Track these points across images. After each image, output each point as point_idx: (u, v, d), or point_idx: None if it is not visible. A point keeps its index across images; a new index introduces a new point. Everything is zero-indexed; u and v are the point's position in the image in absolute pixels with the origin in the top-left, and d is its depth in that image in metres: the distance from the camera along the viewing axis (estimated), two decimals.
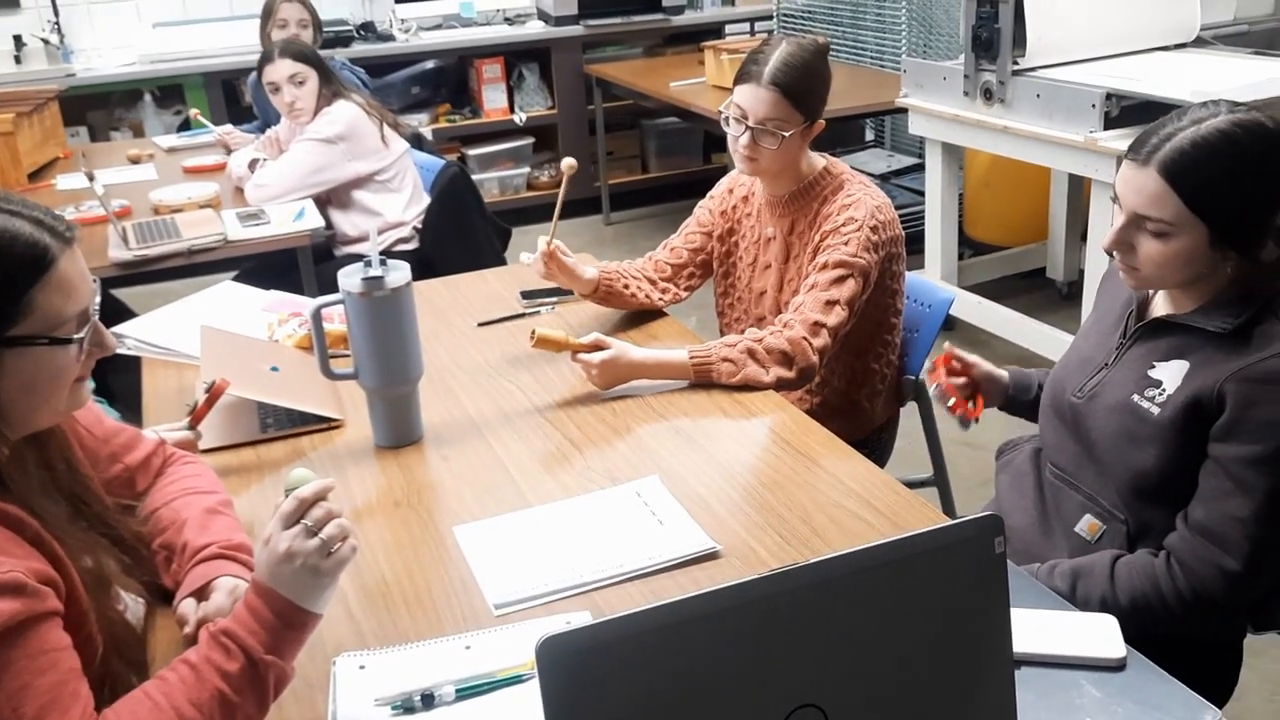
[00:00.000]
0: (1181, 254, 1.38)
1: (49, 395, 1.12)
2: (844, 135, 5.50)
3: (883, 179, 5.08)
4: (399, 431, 1.76)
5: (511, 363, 2.04)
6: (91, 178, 2.81)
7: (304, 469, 1.15)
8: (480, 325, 2.22)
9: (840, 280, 1.92)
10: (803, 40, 2.03)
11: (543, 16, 5.47)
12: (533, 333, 1.85)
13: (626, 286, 2.13)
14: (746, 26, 5.70)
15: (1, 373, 1.07)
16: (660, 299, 2.18)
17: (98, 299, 1.19)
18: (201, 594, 1.29)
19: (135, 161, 3.88)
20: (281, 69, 3.16)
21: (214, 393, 1.66)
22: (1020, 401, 1.79)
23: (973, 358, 1.80)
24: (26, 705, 0.97)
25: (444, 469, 1.69)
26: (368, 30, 5.27)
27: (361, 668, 1.24)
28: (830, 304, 1.91)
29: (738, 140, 1.99)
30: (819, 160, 2.08)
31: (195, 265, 2.92)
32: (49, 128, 3.97)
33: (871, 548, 0.92)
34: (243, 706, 1.05)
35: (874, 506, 1.51)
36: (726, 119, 2.02)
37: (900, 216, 2.07)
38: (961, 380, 1.79)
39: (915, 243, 4.00)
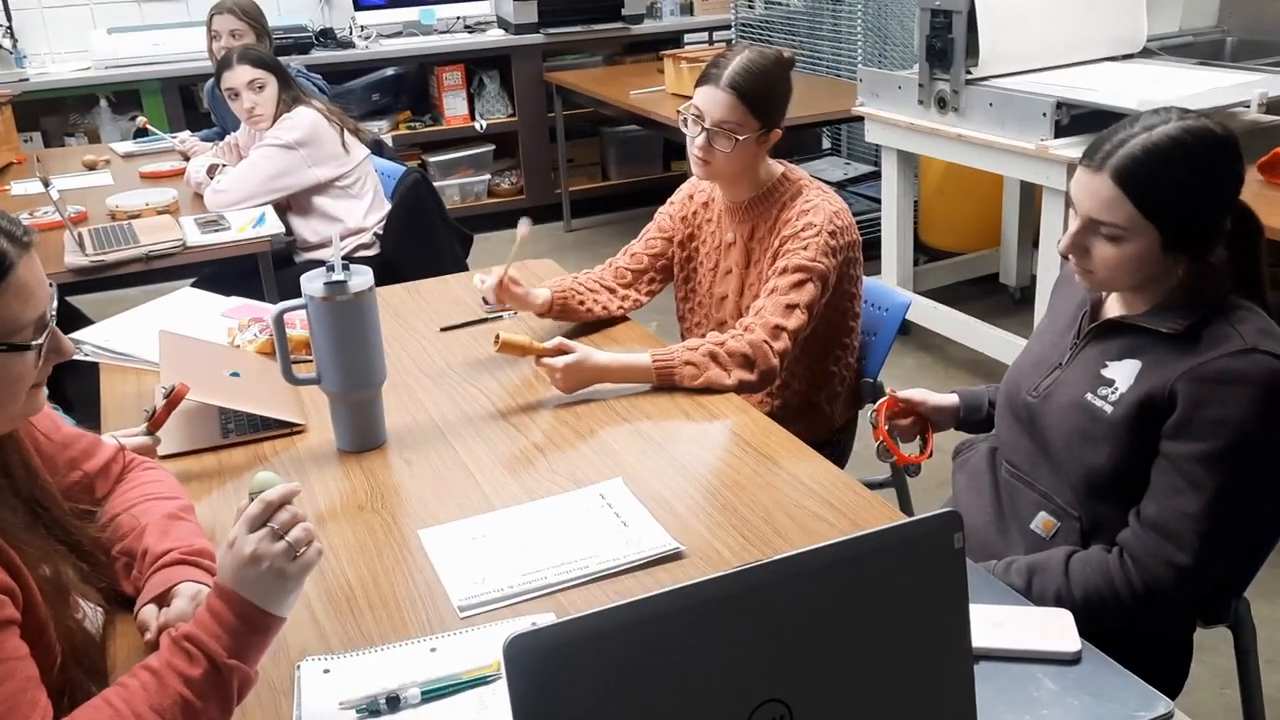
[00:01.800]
0: (1134, 258, 1.41)
1: (5, 401, 1.11)
2: (801, 144, 5.55)
3: (840, 186, 5.13)
4: (362, 436, 1.76)
5: (475, 367, 2.04)
6: (47, 183, 2.78)
7: (269, 472, 1.15)
8: (443, 330, 2.22)
9: (800, 284, 1.95)
10: (766, 50, 2.06)
11: (503, 24, 5.48)
12: (496, 337, 1.86)
13: (582, 303, 2.14)
14: (705, 36, 5.74)
15: None
16: (620, 307, 2.19)
17: (55, 304, 1.18)
18: (163, 600, 1.28)
19: (91, 168, 3.83)
20: (240, 75, 3.14)
21: (173, 398, 1.64)
22: (973, 421, 1.82)
23: (916, 394, 1.82)
24: None
25: (407, 473, 1.69)
26: (327, 37, 5.25)
27: (326, 671, 1.24)
28: (790, 308, 1.93)
29: (693, 141, 2.01)
30: (777, 167, 2.10)
31: (154, 272, 2.89)
32: (2, 133, 3.91)
33: (832, 544, 0.94)
34: (206, 711, 1.04)
35: (834, 506, 1.53)
36: (685, 119, 2.04)
37: (858, 223, 2.10)
38: (909, 420, 1.82)
39: (872, 249, 4.05)
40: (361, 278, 1.68)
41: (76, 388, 2.06)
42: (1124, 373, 1.46)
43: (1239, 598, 1.55)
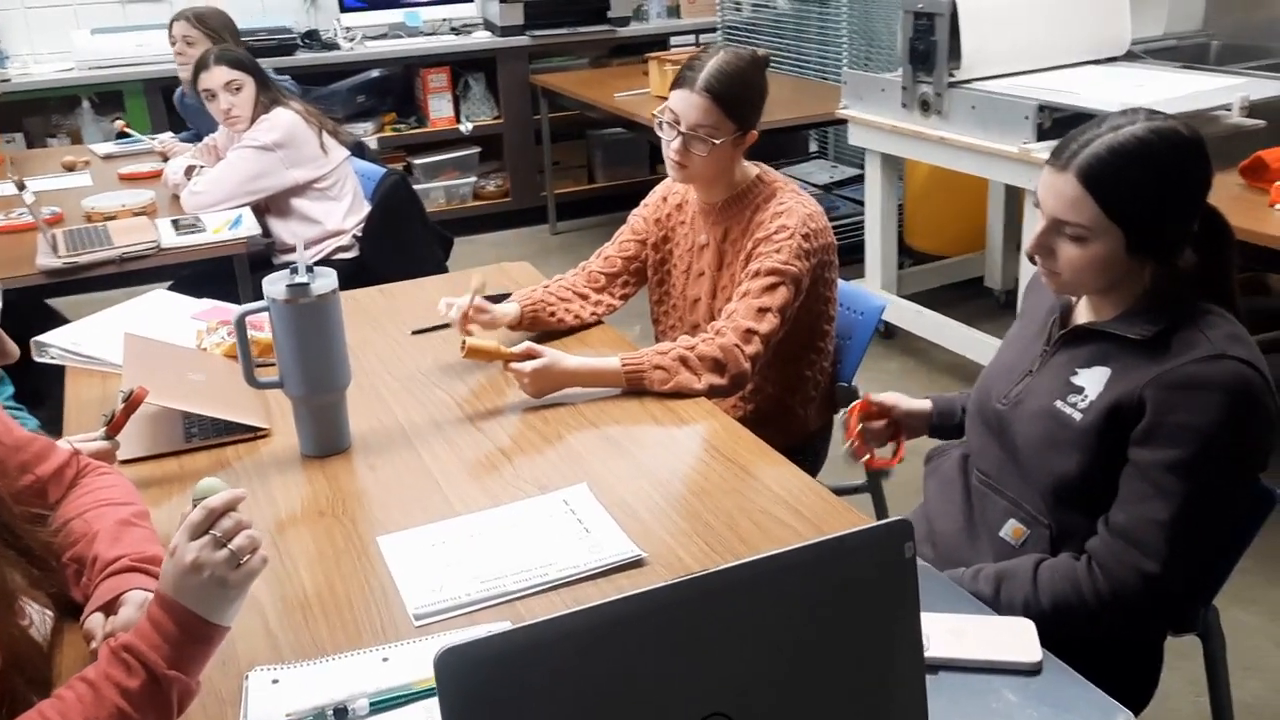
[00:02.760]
0: (1099, 259, 1.40)
1: None
2: (787, 146, 5.53)
3: (825, 189, 5.12)
4: (326, 440, 1.73)
5: (444, 371, 2.02)
6: (21, 186, 2.75)
7: (213, 479, 1.13)
8: (414, 333, 2.20)
9: (772, 288, 1.93)
10: (740, 50, 2.04)
11: (489, 26, 5.46)
12: (463, 343, 1.83)
13: (552, 314, 2.11)
14: (692, 38, 5.72)
15: None
16: (593, 313, 2.17)
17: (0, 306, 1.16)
18: (110, 608, 1.26)
19: (70, 169, 3.80)
20: (217, 76, 3.11)
21: (132, 402, 1.62)
22: (946, 427, 1.80)
23: (890, 398, 1.80)
24: None
25: (371, 478, 1.66)
26: (312, 39, 5.22)
27: (275, 682, 1.22)
28: (762, 311, 1.92)
29: (670, 145, 1.99)
30: (752, 169, 2.08)
31: (132, 274, 2.86)
32: None
33: (779, 553, 0.92)
34: None
35: (800, 513, 1.51)
36: (660, 124, 2.02)
37: (842, 227, 2.09)
38: (881, 424, 1.80)
39: (857, 252, 4.05)
40: (325, 280, 1.66)
41: (43, 389, 2.03)
42: (1093, 380, 1.44)
43: (1208, 605, 1.53)
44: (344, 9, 5.34)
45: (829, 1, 5.00)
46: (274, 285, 1.64)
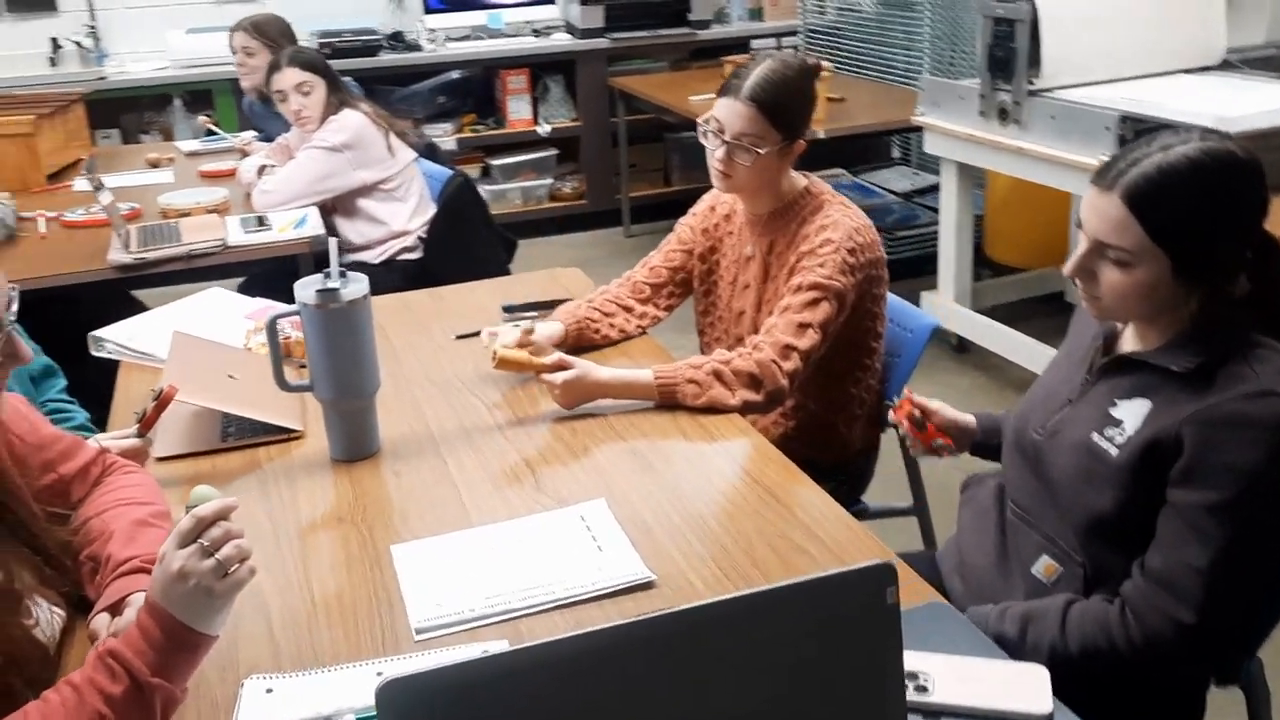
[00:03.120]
0: (1143, 284, 1.32)
1: None
2: (868, 152, 5.43)
3: (905, 197, 5.01)
4: (353, 445, 1.74)
5: (482, 378, 2.01)
6: (98, 186, 2.83)
7: (207, 487, 1.13)
8: (458, 338, 2.20)
9: (814, 303, 1.87)
10: (790, 59, 1.99)
11: (569, 29, 5.47)
12: (494, 353, 1.82)
13: (597, 331, 2.08)
14: (773, 41, 5.65)
15: None
16: (638, 325, 2.14)
17: (14, 308, 1.18)
18: (117, 609, 1.27)
19: (155, 165, 3.91)
20: (289, 77, 3.17)
21: (161, 400, 1.64)
22: (990, 446, 1.72)
23: (934, 404, 1.73)
24: None
25: (394, 484, 1.66)
26: (396, 40, 5.29)
27: (269, 691, 1.22)
28: (803, 327, 1.86)
29: (714, 154, 1.96)
30: (800, 180, 2.03)
31: (210, 269, 2.92)
32: (72, 129, 4.01)
33: (751, 593, 0.89)
34: None
35: (821, 540, 1.46)
36: (705, 133, 1.98)
37: (920, 236, 2.02)
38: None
39: (934, 263, 3.94)
40: (356, 286, 1.67)
41: (103, 385, 2.09)
42: (1133, 413, 1.36)
43: (1252, 656, 1.44)
44: (428, 10, 5.41)
45: (914, 5, 4.89)
46: (305, 289, 1.65)
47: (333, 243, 1.69)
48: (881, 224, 4.58)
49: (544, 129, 5.41)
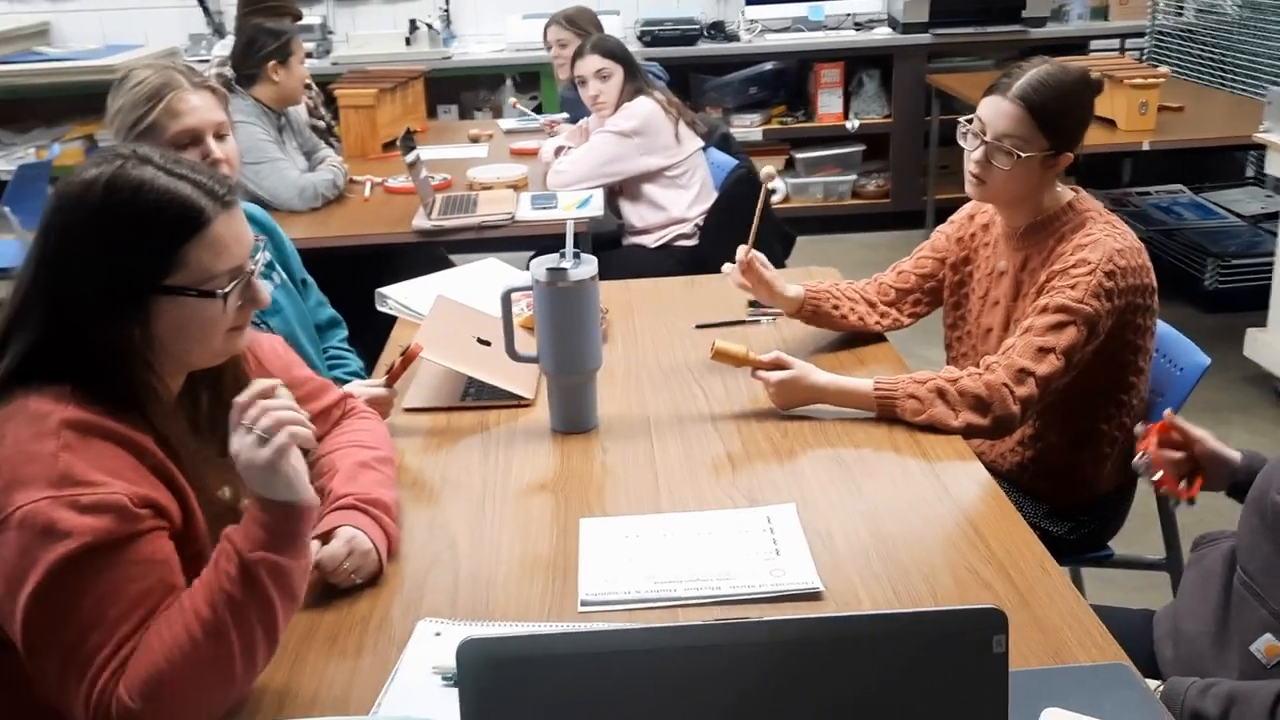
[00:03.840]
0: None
1: (199, 340, 1.27)
2: (1215, 169, 4.93)
3: (1251, 221, 4.52)
4: (571, 418, 1.82)
5: (710, 368, 2.02)
6: (414, 162, 3.09)
7: (261, 380, 1.21)
8: (698, 327, 2.23)
9: (1059, 326, 1.75)
10: (1070, 65, 1.86)
11: (892, 23, 5.34)
12: (713, 343, 1.84)
13: (836, 307, 2.05)
14: (1116, 43, 5.24)
15: (157, 316, 1.22)
16: (878, 322, 2.08)
17: (260, 257, 1.32)
18: (326, 538, 1.41)
19: (475, 140, 4.23)
20: (590, 64, 3.32)
21: (407, 357, 1.80)
22: (1247, 488, 1.53)
23: (1198, 431, 1.56)
24: (111, 609, 1.11)
25: (598, 461, 1.73)
26: (716, 30, 5.39)
27: (438, 634, 1.31)
28: (1043, 351, 1.74)
29: (970, 155, 1.86)
30: (1066, 194, 1.89)
31: (500, 241, 3.13)
32: (410, 104, 4.42)
33: (844, 617, 0.86)
34: (248, 604, 1.13)
35: (1011, 579, 1.37)
36: (965, 133, 1.89)
37: (1261, 266, 1.83)
38: (1179, 455, 1.57)
39: (1268, 296, 3.53)
40: (585, 267, 1.74)
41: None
42: None
43: None
44: (750, 1, 5.46)
45: None
46: (538, 267, 1.74)
47: (569, 224, 1.76)
48: (1216, 249, 4.16)
49: (853, 124, 5.33)
